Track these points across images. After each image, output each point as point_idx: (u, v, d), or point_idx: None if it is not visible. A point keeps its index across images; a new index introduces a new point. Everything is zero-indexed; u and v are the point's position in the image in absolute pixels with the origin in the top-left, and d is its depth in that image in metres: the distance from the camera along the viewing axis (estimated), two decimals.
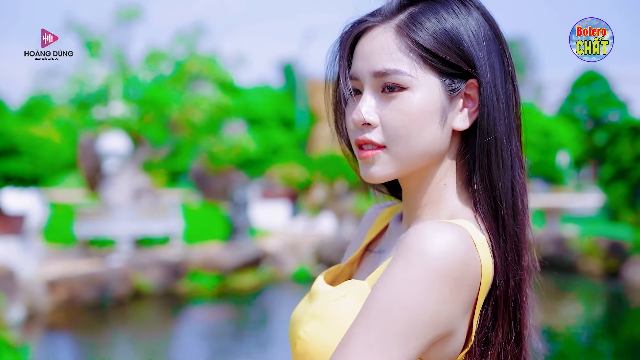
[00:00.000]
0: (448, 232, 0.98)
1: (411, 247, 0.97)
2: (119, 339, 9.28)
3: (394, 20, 1.07)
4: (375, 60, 1.06)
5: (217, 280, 12.05)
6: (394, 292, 0.97)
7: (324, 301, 1.09)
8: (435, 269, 0.96)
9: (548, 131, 23.05)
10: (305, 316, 1.10)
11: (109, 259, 11.48)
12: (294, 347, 1.11)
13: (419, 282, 0.96)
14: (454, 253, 0.97)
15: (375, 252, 1.23)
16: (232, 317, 10.73)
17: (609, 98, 28.80)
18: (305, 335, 1.07)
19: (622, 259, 13.32)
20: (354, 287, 1.08)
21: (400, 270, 0.97)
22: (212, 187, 19.98)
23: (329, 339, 1.04)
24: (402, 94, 1.04)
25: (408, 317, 0.97)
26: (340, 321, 1.04)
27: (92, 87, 12.31)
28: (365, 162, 1.08)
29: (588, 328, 10.20)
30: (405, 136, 1.05)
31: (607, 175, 15.16)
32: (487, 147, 1.07)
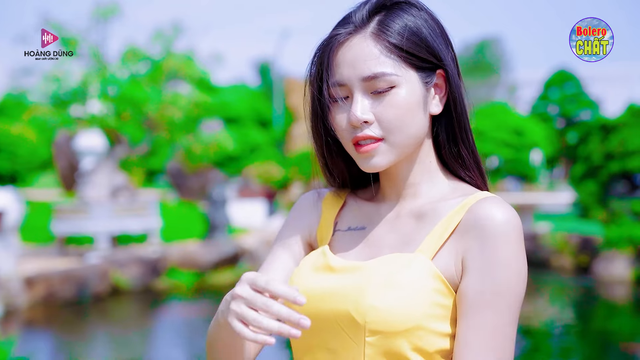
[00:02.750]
0: (507, 204, 1.21)
1: (503, 225, 1.18)
2: (97, 335, 9.29)
3: (368, 29, 1.24)
4: (361, 66, 1.22)
5: (195, 277, 12.12)
6: (514, 270, 1.17)
7: (389, 272, 1.20)
8: (521, 236, 1.19)
9: (521, 130, 23.33)
10: (369, 287, 1.19)
11: (87, 257, 11.49)
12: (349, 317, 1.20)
13: (522, 252, 1.19)
14: (518, 217, 1.20)
15: (347, 230, 1.35)
16: (211, 314, 10.80)
17: (581, 97, 29.23)
18: (385, 305, 1.17)
19: (593, 254, 13.61)
20: (409, 258, 1.22)
21: (507, 247, 1.17)
22: (189, 185, 19.99)
23: (407, 307, 1.16)
24: (392, 91, 1.22)
25: (525, 284, 1.19)
26: (414, 290, 1.18)
27: (69, 85, 12.28)
28: (367, 156, 1.23)
29: (560, 322, 10.42)
30: (400, 127, 1.22)
31: (578, 173, 15.44)
32: (463, 124, 1.31)
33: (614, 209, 13.96)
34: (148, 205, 12.99)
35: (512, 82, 43.14)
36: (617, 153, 14.46)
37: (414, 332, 1.16)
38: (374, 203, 1.35)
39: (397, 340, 1.17)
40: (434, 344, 1.18)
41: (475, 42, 49.74)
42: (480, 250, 1.17)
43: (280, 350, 8.44)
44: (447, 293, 1.19)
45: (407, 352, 1.17)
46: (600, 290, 12.44)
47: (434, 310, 1.18)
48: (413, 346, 1.17)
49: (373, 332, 1.18)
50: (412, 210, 1.28)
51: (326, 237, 1.37)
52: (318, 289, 1.26)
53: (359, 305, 1.19)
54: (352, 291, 1.21)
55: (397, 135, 1.23)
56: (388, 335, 1.17)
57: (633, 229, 13.20)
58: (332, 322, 1.23)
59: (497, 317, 1.16)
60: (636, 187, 14.60)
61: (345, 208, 1.39)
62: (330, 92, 1.26)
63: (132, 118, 12.84)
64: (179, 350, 8.58)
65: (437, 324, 1.18)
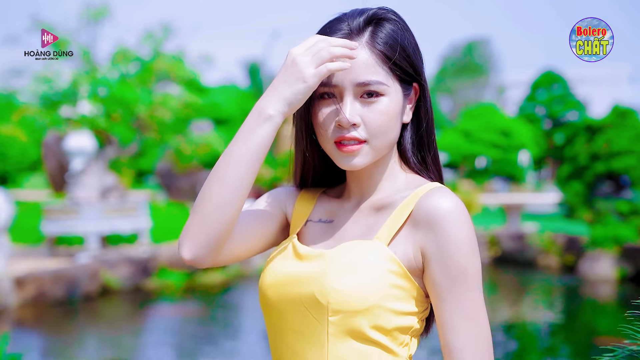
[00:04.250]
0: (452, 193, 1.33)
1: (449, 212, 1.30)
2: (87, 335, 9.32)
3: (363, 38, 1.35)
4: (356, 72, 1.33)
5: (185, 277, 12.16)
6: (468, 249, 1.30)
7: (349, 257, 1.32)
8: (467, 219, 1.31)
9: (509, 131, 23.49)
10: (331, 271, 1.31)
11: (77, 257, 11.51)
12: (313, 299, 1.31)
13: (471, 232, 1.31)
14: (462, 202, 1.33)
15: (318, 222, 1.48)
16: (200, 314, 10.85)
17: (568, 99, 29.39)
18: (344, 287, 1.29)
19: (579, 254, 13.75)
20: (367, 245, 1.34)
21: (457, 231, 1.30)
22: (178, 186, 20.00)
23: (365, 288, 1.29)
24: (380, 99, 1.34)
25: (479, 258, 1.33)
26: (371, 273, 1.30)
27: (59, 85, 12.30)
28: (349, 155, 1.35)
29: (546, 321, 10.52)
30: (384, 132, 1.35)
31: (565, 174, 15.58)
32: (428, 132, 1.45)
33: (599, 209, 14.11)
34: (138, 205, 13.02)
35: (500, 84, 43.33)
36: (603, 154, 14.61)
37: (373, 311, 1.28)
38: (341, 199, 1.49)
39: (357, 319, 1.28)
40: (392, 322, 1.30)
41: (463, 43, 49.92)
42: (435, 240, 1.29)
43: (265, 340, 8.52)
44: (403, 275, 1.31)
45: (367, 330, 1.29)
46: (585, 289, 12.57)
47: (390, 291, 1.29)
48: (372, 324, 1.29)
49: (335, 312, 1.29)
50: (372, 204, 1.41)
51: (299, 225, 1.50)
52: (286, 275, 1.38)
53: (322, 288, 1.30)
54: (316, 276, 1.33)
55: (380, 139, 1.35)
56: (349, 314, 1.28)
57: (618, 228, 13.35)
58: (298, 305, 1.34)
59: (470, 294, 1.30)
60: (621, 187, 14.75)
61: (317, 203, 1.52)
62: (318, 90, 1.35)
63: (122, 119, 12.87)
64: (168, 350, 8.62)
65: (394, 303, 1.30)
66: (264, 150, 1.33)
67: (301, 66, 1.30)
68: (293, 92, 1.30)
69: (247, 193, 1.35)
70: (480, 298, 1.32)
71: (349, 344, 1.30)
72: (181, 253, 1.35)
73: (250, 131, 1.33)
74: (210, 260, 1.37)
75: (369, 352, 1.31)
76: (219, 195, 1.33)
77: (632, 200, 14.04)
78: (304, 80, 1.30)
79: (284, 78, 1.31)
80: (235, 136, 1.34)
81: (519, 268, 14.55)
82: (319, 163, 1.50)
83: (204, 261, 1.36)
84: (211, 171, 1.36)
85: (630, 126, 14.57)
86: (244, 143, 1.32)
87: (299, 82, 1.30)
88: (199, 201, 1.35)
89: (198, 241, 1.34)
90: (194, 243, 1.34)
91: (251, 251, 1.48)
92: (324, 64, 1.30)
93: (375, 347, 1.31)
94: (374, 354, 1.31)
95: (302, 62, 1.30)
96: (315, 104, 1.37)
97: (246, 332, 9.66)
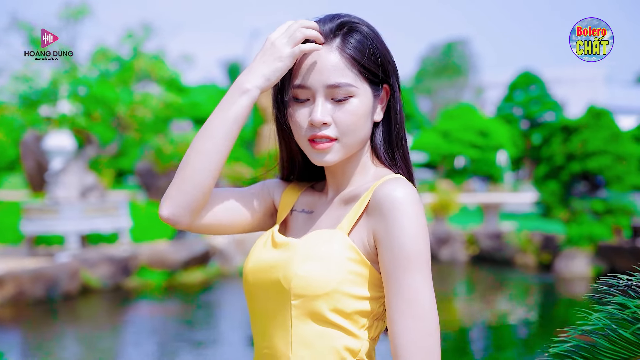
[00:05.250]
0: (405, 183, 1.41)
1: (397, 201, 1.38)
2: (67, 334, 9.32)
3: (334, 43, 1.45)
4: (327, 75, 1.43)
5: (165, 276, 12.18)
6: (414, 235, 1.36)
7: (312, 246, 1.43)
8: (417, 203, 1.39)
9: (487, 131, 23.69)
10: (295, 259, 1.43)
11: (57, 256, 11.49)
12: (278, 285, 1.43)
13: (418, 219, 1.38)
14: (415, 191, 1.41)
15: (301, 212, 1.61)
16: (180, 313, 10.87)
17: (545, 99, 29.71)
18: (305, 273, 1.40)
19: (555, 252, 13.96)
20: (329, 234, 1.45)
21: (404, 217, 1.37)
22: (158, 185, 19.95)
23: (325, 274, 1.39)
24: (350, 100, 1.44)
25: (427, 243, 1.39)
26: (331, 259, 1.40)
27: (39, 84, 12.24)
28: (322, 152, 1.46)
29: (523, 318, 10.67)
30: (353, 130, 1.45)
31: (541, 174, 15.76)
32: (398, 131, 1.54)
33: (575, 208, 14.30)
34: (118, 205, 13.01)
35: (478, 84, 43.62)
36: (578, 154, 14.81)
37: (332, 295, 1.38)
38: (321, 193, 1.61)
39: (317, 303, 1.38)
40: (351, 306, 1.40)
41: (442, 44, 50.18)
42: (384, 225, 1.38)
43: (246, 340, 8.58)
44: (361, 262, 1.41)
45: (327, 313, 1.39)
46: (561, 286, 12.77)
47: (349, 277, 1.39)
48: (332, 307, 1.39)
49: (297, 296, 1.40)
50: (343, 196, 1.52)
51: (284, 214, 1.62)
52: (262, 262, 1.50)
53: (286, 274, 1.41)
54: (282, 263, 1.44)
55: (350, 137, 1.46)
56: (309, 298, 1.39)
57: (593, 227, 13.56)
58: (267, 290, 1.46)
59: (413, 278, 1.36)
60: (596, 187, 14.95)
61: (302, 194, 1.64)
62: (293, 92, 1.47)
63: (103, 118, 12.84)
64: (149, 349, 8.63)
65: (352, 288, 1.39)
66: (240, 121, 1.48)
67: (278, 47, 1.44)
68: (271, 69, 1.45)
69: (222, 161, 1.48)
70: (425, 284, 1.36)
71: (311, 327, 1.40)
72: (160, 212, 1.49)
73: (228, 104, 1.47)
74: (186, 221, 1.50)
75: (330, 334, 1.40)
76: (197, 161, 1.47)
77: (606, 200, 14.26)
78: (281, 59, 1.44)
79: (263, 59, 1.46)
80: (215, 109, 1.48)
81: (497, 266, 14.74)
82: (302, 159, 1.62)
83: (180, 220, 1.50)
84: (193, 140, 1.51)
85: (605, 127, 14.79)
86: (222, 113, 1.47)
87: (276, 61, 1.44)
88: (180, 166, 1.50)
89: (176, 201, 1.48)
90: (172, 202, 1.48)
91: (230, 227, 1.59)
92: (298, 46, 1.43)
93: (336, 329, 1.40)
94: (335, 336, 1.40)
95: (279, 43, 1.44)
96: (291, 106, 1.48)
97: (227, 331, 9.71)
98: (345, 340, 1.41)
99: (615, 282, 1.28)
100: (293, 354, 1.42)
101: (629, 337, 1.13)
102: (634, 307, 1.13)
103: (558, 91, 34.35)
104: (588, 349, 1.16)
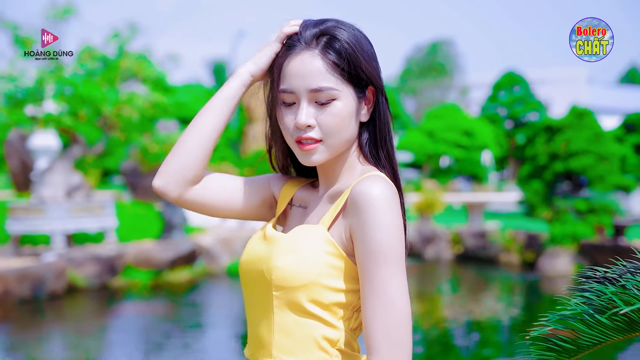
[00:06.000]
0: (382, 180, 1.47)
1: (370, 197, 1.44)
2: (53, 333, 9.31)
3: (317, 48, 1.53)
4: (310, 79, 1.51)
5: (151, 275, 12.19)
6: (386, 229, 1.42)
7: (293, 240, 1.52)
8: (391, 200, 1.45)
9: (471, 131, 23.83)
10: (276, 252, 1.51)
11: (44, 255, 11.47)
12: (262, 277, 1.53)
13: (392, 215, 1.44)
14: (390, 188, 1.46)
15: (298, 207, 1.70)
16: (167, 312, 10.89)
17: (528, 100, 29.92)
18: (283, 266, 1.48)
19: (538, 251, 14.10)
20: (310, 229, 1.53)
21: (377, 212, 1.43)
22: (144, 185, 19.90)
23: (302, 266, 1.47)
24: (332, 103, 1.52)
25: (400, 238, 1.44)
26: (309, 253, 1.48)
27: (24, 84, 12.19)
28: (307, 153, 1.54)
29: (507, 316, 10.77)
30: (337, 132, 1.53)
31: (525, 173, 15.90)
32: (383, 131, 1.61)
33: (558, 207, 14.45)
34: (105, 204, 13.00)
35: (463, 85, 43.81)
36: (561, 153, 14.96)
37: (310, 287, 1.46)
38: (315, 189, 1.69)
39: (296, 294, 1.47)
40: (329, 297, 1.48)
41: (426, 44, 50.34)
42: (358, 220, 1.45)
43: (232, 339, 8.61)
44: (339, 256, 1.49)
45: (305, 304, 1.47)
46: (545, 284, 12.90)
47: (326, 270, 1.47)
48: (310, 299, 1.47)
49: (277, 288, 1.49)
50: (330, 193, 1.60)
51: (282, 207, 1.72)
52: (252, 254, 1.59)
53: (268, 266, 1.51)
54: (267, 255, 1.53)
55: (334, 138, 1.53)
56: (289, 289, 1.47)
57: (575, 226, 13.72)
58: (255, 281, 1.55)
59: (384, 272, 1.42)
60: (579, 186, 15.11)
61: (300, 190, 1.72)
62: (280, 97, 1.55)
63: (89, 118, 12.81)
64: (135, 348, 8.65)
65: (330, 280, 1.47)
66: (231, 101, 1.63)
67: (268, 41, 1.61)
68: (259, 55, 1.61)
69: (215, 138, 1.62)
70: (397, 278, 1.42)
71: (291, 316, 1.49)
72: (153, 182, 1.63)
73: (223, 87, 1.64)
74: (176, 192, 1.62)
75: (309, 324, 1.48)
76: (191, 133, 1.61)
77: (589, 199, 14.41)
78: (268, 44, 1.60)
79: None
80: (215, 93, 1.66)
81: (481, 265, 14.87)
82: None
83: (170, 190, 1.62)
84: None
85: (587, 127, 14.95)
86: (218, 94, 1.64)
87: (264, 48, 1.61)
88: (178, 140, 1.63)
89: (168, 172, 1.61)
90: (165, 173, 1.62)
91: (220, 208, 1.70)
92: (280, 29, 1.58)
93: (314, 319, 1.48)
94: (314, 326, 1.49)
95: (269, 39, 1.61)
96: (280, 109, 1.57)
97: (212, 330, 9.74)
98: (323, 330, 1.49)
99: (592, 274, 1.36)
100: (274, 342, 1.51)
101: (605, 322, 1.20)
102: (610, 294, 1.20)
103: (541, 91, 34.61)
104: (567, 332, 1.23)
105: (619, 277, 1.24)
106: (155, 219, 15.32)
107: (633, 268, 1.26)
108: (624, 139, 22.37)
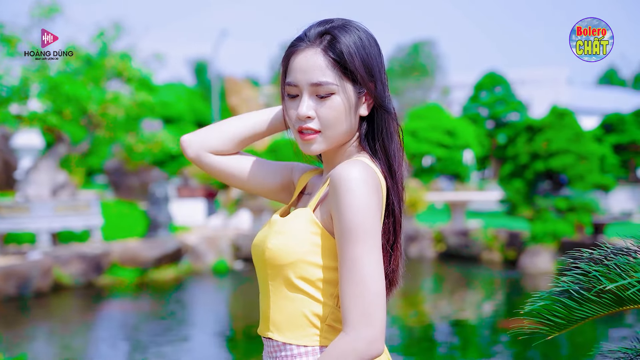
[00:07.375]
0: (359, 165, 1.58)
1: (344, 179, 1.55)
2: (39, 331, 9.32)
3: (320, 46, 1.66)
4: (311, 74, 1.65)
5: (138, 273, 12.22)
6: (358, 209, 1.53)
7: (284, 222, 1.68)
8: (365, 182, 1.56)
9: (453, 131, 24.02)
10: (270, 234, 1.67)
11: (29, 253, 11.46)
12: (261, 257, 1.68)
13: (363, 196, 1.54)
14: (366, 171, 1.57)
15: (307, 194, 1.84)
16: (152, 310, 10.93)
17: (509, 100, 30.19)
18: (272, 246, 1.64)
19: (520, 249, 14.30)
20: (300, 211, 1.68)
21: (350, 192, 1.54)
22: (128, 184, 19.91)
23: (289, 245, 1.63)
24: (331, 97, 1.65)
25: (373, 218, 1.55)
26: (295, 233, 1.63)
27: (9, 82, 12.16)
28: (307, 142, 1.68)
29: (489, 313, 10.91)
30: (334, 124, 1.66)
31: (506, 173, 16.09)
32: (381, 126, 1.72)
33: (539, 206, 14.64)
34: (90, 203, 13.00)
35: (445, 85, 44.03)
36: (542, 153, 15.16)
37: (298, 265, 1.61)
38: (320, 177, 1.84)
39: (285, 271, 1.63)
40: (315, 274, 1.62)
41: (408, 44, 50.58)
42: (334, 201, 1.57)
43: (216, 337, 8.65)
44: (323, 235, 1.62)
45: (295, 280, 1.63)
46: (526, 281, 13.07)
47: (312, 248, 1.62)
48: (298, 275, 1.62)
49: (270, 267, 1.65)
50: (324, 179, 1.74)
51: (295, 194, 1.87)
52: (257, 238, 1.75)
53: (264, 247, 1.67)
54: (265, 238, 1.69)
55: (332, 130, 1.66)
56: (279, 267, 1.63)
57: (556, 224, 13.91)
58: (258, 262, 1.72)
59: (356, 249, 1.54)
60: (559, 185, 15.32)
61: (312, 179, 1.87)
62: (286, 89, 1.69)
63: (73, 117, 12.81)
64: (121, 345, 8.67)
65: (316, 258, 1.62)
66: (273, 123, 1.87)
67: None
68: None
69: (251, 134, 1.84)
70: (368, 255, 1.52)
71: (283, 292, 1.65)
72: (182, 136, 1.86)
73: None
74: (196, 150, 1.84)
75: (300, 299, 1.63)
76: (234, 120, 1.87)
77: (569, 198, 14.62)
78: None
79: None
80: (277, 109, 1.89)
81: (464, 263, 15.04)
82: None
83: (191, 146, 1.85)
84: None
85: (567, 127, 15.17)
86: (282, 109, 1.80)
87: None
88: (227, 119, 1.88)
89: (198, 135, 1.86)
90: (196, 135, 1.86)
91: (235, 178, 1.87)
92: None
93: (304, 295, 1.63)
94: (304, 301, 1.63)
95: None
96: (285, 102, 1.71)
97: (198, 328, 9.80)
98: (312, 306, 1.62)
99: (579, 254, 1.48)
100: (271, 317, 1.67)
101: (592, 298, 1.32)
102: (594, 272, 1.32)
103: (522, 92, 34.92)
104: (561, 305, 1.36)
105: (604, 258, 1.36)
106: (139, 217, 15.34)
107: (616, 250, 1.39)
108: (603, 139, 22.71)
